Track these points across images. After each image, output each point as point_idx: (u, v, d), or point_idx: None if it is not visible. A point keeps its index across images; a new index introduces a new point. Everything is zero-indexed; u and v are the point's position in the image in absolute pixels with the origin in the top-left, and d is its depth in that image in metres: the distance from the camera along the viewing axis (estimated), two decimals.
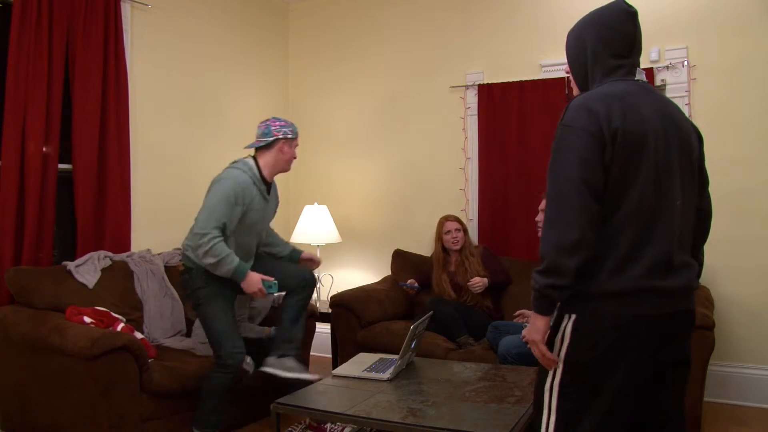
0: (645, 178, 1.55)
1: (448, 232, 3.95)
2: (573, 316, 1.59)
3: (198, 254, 2.87)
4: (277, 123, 3.07)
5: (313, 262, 3.48)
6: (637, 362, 1.57)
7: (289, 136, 3.06)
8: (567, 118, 1.59)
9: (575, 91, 1.79)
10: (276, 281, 2.98)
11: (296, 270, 3.21)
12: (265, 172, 3.06)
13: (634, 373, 1.57)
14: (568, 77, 1.84)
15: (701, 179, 1.76)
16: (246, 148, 3.14)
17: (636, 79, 1.69)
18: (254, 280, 2.92)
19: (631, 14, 1.68)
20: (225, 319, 2.95)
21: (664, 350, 1.62)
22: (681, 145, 1.64)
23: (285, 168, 3.12)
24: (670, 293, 1.58)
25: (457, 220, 4.02)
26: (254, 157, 3.09)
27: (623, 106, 1.56)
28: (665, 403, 1.68)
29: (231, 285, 2.97)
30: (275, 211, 3.28)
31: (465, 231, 4.01)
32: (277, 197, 3.27)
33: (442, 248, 4.01)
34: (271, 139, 3.03)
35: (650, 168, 1.56)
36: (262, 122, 3.12)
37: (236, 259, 2.88)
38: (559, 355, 1.61)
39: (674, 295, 1.60)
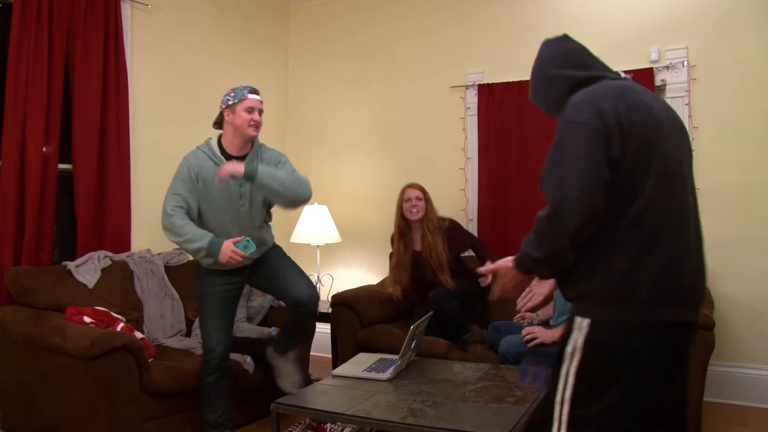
0: (657, 173, 1.49)
1: (408, 200, 3.75)
2: (586, 322, 1.52)
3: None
4: (223, 96, 2.79)
5: None
6: (649, 370, 1.52)
7: (231, 102, 2.75)
8: (569, 114, 1.52)
9: None
10: (249, 238, 2.72)
11: (297, 285, 2.88)
12: (228, 148, 2.81)
13: (647, 381, 1.52)
14: None
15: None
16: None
17: (624, 77, 1.66)
18: (225, 247, 2.68)
19: (565, 37, 1.73)
20: (206, 316, 2.91)
21: (673, 361, 1.57)
22: (683, 142, 1.61)
23: (245, 135, 2.75)
24: (683, 302, 1.53)
25: (421, 189, 3.80)
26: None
27: (627, 101, 1.52)
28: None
29: (221, 283, 2.86)
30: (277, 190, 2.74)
31: (428, 201, 3.77)
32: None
33: (402, 218, 3.81)
34: (219, 114, 2.81)
35: (659, 163, 1.49)
36: None
37: (198, 233, 2.69)
38: (569, 368, 1.54)
39: (689, 302, 1.55)
